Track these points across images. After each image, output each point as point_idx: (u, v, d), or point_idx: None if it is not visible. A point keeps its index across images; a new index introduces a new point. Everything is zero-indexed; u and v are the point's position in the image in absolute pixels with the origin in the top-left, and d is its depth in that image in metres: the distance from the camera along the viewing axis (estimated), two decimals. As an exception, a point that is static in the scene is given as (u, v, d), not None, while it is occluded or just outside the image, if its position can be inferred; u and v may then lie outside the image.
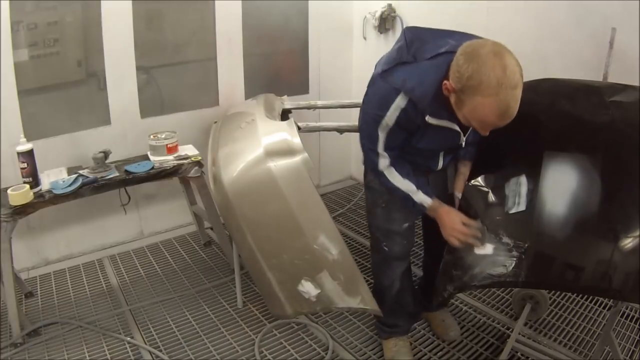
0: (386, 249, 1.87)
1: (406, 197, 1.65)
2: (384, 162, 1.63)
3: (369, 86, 1.64)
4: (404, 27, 1.70)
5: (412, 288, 2.02)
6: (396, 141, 1.58)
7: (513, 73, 1.28)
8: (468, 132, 1.59)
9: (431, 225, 1.69)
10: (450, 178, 1.81)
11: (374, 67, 1.67)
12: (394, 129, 1.53)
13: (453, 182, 1.76)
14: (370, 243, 1.98)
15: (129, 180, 2.36)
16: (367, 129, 1.62)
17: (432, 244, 2.07)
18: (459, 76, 1.33)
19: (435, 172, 1.79)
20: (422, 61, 1.47)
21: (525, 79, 1.49)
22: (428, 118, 1.49)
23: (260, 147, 1.87)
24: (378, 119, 1.53)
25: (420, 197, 1.63)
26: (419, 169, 1.71)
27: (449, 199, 1.71)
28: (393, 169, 1.63)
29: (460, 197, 1.69)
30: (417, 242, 2.15)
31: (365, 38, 3.48)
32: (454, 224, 1.57)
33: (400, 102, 1.48)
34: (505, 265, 1.50)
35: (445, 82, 1.39)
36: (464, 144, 1.63)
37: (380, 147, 1.59)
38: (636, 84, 1.80)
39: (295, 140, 1.86)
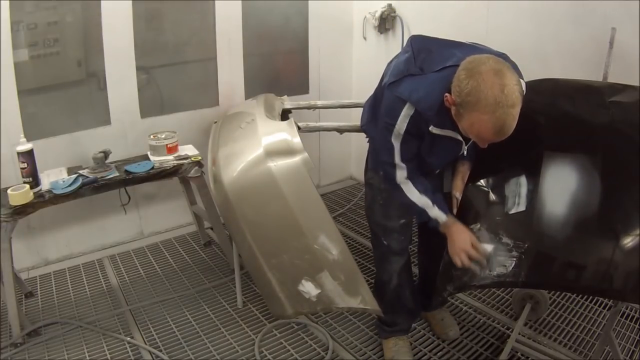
0: (385, 243, 1.89)
1: (421, 212, 1.65)
2: (401, 174, 1.63)
3: (377, 96, 1.66)
4: (410, 35, 1.70)
5: (411, 284, 2.03)
6: (411, 151, 1.59)
7: (511, 92, 1.29)
8: (470, 142, 1.60)
9: (428, 228, 1.69)
10: (448, 178, 1.81)
11: (382, 74, 1.69)
12: (406, 137, 1.55)
13: (451, 182, 1.76)
14: (371, 239, 2.00)
15: (129, 180, 2.36)
16: (382, 139, 1.63)
17: (428, 244, 2.08)
18: (459, 91, 1.35)
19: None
20: (429, 73, 1.49)
21: (525, 79, 1.49)
22: (432, 128, 1.52)
23: (260, 147, 1.87)
24: (390, 128, 1.55)
25: (435, 213, 1.63)
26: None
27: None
28: (410, 183, 1.64)
29: (459, 197, 1.69)
30: (415, 241, 2.15)
31: (365, 38, 3.47)
32: (463, 244, 1.56)
33: (408, 110, 1.51)
34: (505, 265, 1.50)
35: (446, 94, 1.41)
36: (465, 152, 1.64)
37: (397, 158, 1.60)
38: (636, 84, 1.81)
39: (295, 140, 1.86)
